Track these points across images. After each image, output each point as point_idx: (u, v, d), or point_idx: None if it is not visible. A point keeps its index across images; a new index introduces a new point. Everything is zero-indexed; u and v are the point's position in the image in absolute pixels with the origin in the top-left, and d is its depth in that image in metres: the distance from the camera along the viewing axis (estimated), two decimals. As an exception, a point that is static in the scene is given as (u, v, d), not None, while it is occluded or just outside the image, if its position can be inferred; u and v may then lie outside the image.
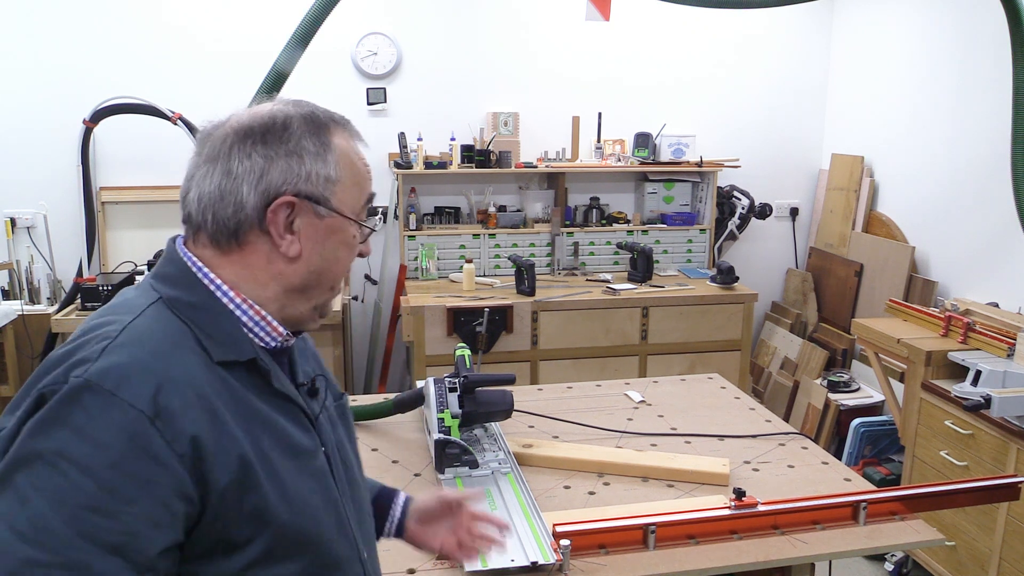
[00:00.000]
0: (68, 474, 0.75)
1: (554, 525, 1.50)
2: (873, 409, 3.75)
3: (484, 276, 4.02)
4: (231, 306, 0.93)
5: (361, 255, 1.01)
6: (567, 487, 1.80)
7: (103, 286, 3.36)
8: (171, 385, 0.82)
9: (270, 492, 0.87)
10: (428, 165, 3.92)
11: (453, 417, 1.84)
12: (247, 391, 0.90)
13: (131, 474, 0.77)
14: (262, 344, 0.95)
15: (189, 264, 0.93)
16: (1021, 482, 1.72)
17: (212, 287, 0.92)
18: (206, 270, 0.93)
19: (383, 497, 1.28)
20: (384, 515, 1.27)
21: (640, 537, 1.53)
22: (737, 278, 3.91)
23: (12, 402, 0.83)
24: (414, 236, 4.01)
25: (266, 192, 0.91)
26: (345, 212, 0.95)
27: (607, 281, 3.96)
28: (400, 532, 1.28)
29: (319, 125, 0.94)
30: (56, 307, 3.57)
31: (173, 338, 0.87)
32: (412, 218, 4.02)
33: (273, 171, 0.91)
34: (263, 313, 0.94)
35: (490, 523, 1.30)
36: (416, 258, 4.01)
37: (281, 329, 0.96)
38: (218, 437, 0.83)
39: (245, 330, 0.93)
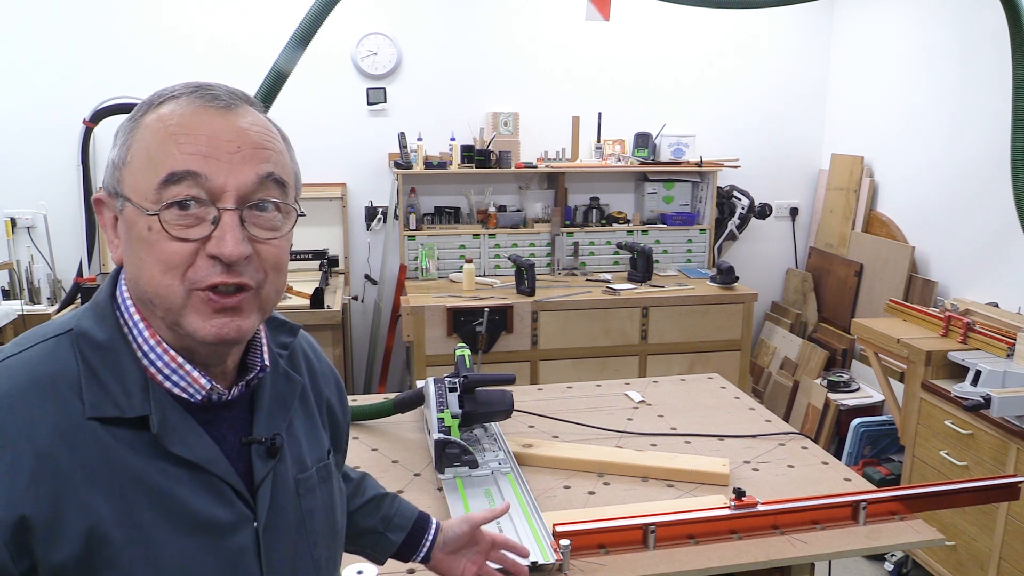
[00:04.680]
0: None
1: (554, 525, 1.50)
2: (873, 409, 3.75)
3: (484, 276, 4.03)
4: (145, 347, 0.79)
5: (214, 256, 0.76)
6: (567, 487, 1.80)
7: (103, 286, 3.36)
8: (4, 441, 0.72)
9: (137, 572, 0.74)
10: (428, 165, 3.92)
11: (453, 417, 1.84)
12: (130, 452, 0.76)
13: None
14: (186, 396, 0.80)
15: (116, 291, 0.82)
16: (1021, 482, 1.71)
17: (130, 323, 0.80)
18: (129, 302, 0.81)
19: (419, 524, 1.26)
20: (417, 544, 1.25)
21: (640, 537, 1.53)
22: (737, 278, 3.92)
23: None
24: (414, 236, 4.01)
25: None
26: (132, 198, 0.77)
27: (607, 281, 3.96)
28: (427, 559, 1.27)
29: (143, 105, 0.82)
30: (56, 307, 3.57)
31: (40, 384, 0.75)
32: (412, 218, 4.02)
33: None
34: (179, 360, 0.79)
35: (511, 551, 1.33)
36: (416, 258, 4.01)
37: (202, 380, 0.80)
38: (58, 507, 0.72)
39: (161, 378, 0.79)
